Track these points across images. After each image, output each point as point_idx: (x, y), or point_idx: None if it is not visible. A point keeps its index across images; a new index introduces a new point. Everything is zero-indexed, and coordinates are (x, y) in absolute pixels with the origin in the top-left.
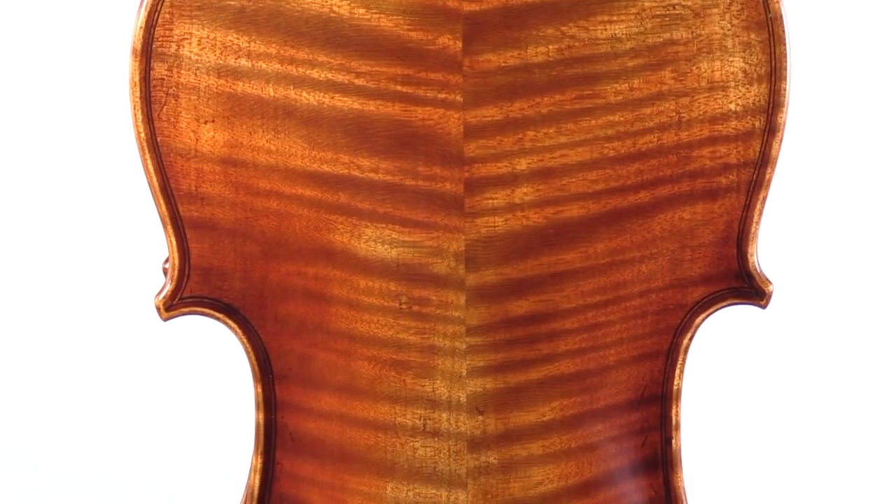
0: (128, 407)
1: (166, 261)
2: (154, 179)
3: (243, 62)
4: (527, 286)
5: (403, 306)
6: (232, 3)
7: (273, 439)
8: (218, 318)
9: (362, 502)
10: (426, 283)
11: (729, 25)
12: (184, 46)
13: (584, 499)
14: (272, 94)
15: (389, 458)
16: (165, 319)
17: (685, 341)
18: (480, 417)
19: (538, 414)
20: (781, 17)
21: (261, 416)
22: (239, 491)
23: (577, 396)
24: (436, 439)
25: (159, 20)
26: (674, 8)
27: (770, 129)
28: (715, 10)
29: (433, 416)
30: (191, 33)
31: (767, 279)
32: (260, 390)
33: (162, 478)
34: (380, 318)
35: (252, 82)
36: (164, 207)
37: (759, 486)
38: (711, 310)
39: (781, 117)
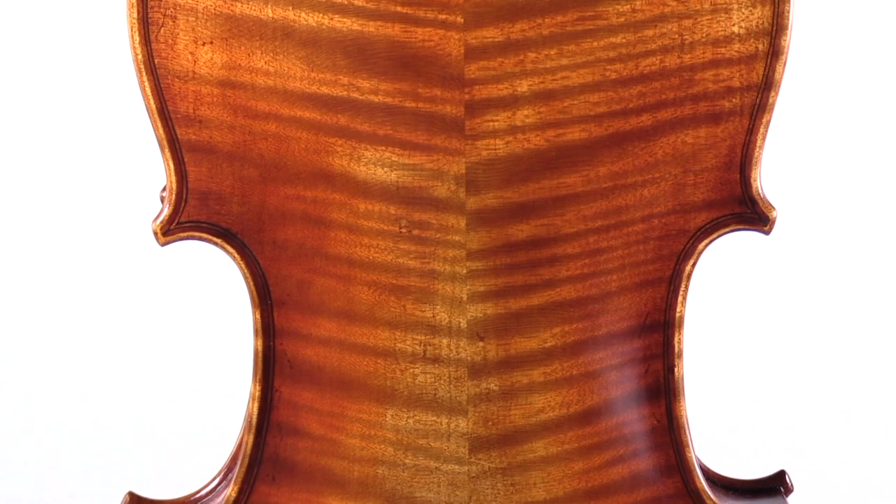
0: (125, 334)
1: (164, 189)
2: (151, 102)
3: None
4: (528, 210)
5: (403, 230)
6: None
7: (272, 367)
8: (216, 244)
9: (361, 430)
10: (426, 206)
11: None
12: None
13: (585, 427)
14: (271, 15)
15: (389, 385)
16: (163, 244)
17: (688, 268)
18: (481, 343)
19: (539, 340)
20: None
21: (259, 342)
22: (238, 420)
23: (579, 323)
24: (436, 365)
25: None
26: None
27: (773, 52)
28: None
29: (433, 342)
30: None
31: (771, 205)
32: (258, 316)
33: (160, 405)
34: (379, 242)
35: (250, 3)
36: (161, 130)
37: (761, 415)
38: (714, 236)
39: (785, 40)
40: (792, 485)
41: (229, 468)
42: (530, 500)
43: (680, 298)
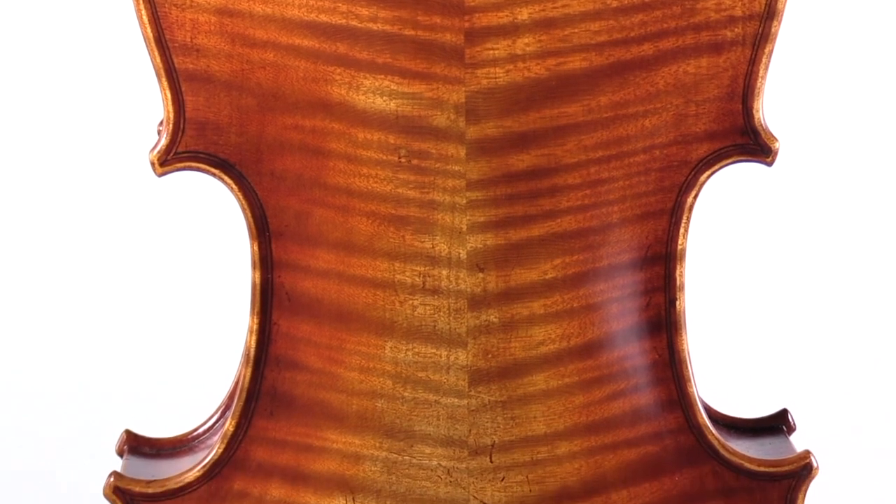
0: (121, 267)
1: (161, 123)
2: (148, 30)
3: None
4: (528, 139)
5: (402, 160)
6: None
7: (269, 299)
8: (213, 174)
9: (360, 362)
10: (426, 135)
11: None
12: None
13: (586, 360)
14: None
15: (388, 317)
16: (160, 175)
17: (689, 200)
18: (481, 275)
19: (540, 272)
20: None
21: (257, 275)
22: (236, 353)
23: (580, 254)
24: (435, 297)
25: None
26: None
27: None
28: None
29: (433, 274)
30: None
31: (773, 136)
32: (256, 248)
33: (158, 338)
34: (378, 171)
35: None
36: (158, 59)
37: (764, 351)
38: (716, 167)
39: None
40: (794, 424)
41: (227, 405)
42: (530, 434)
43: (682, 231)
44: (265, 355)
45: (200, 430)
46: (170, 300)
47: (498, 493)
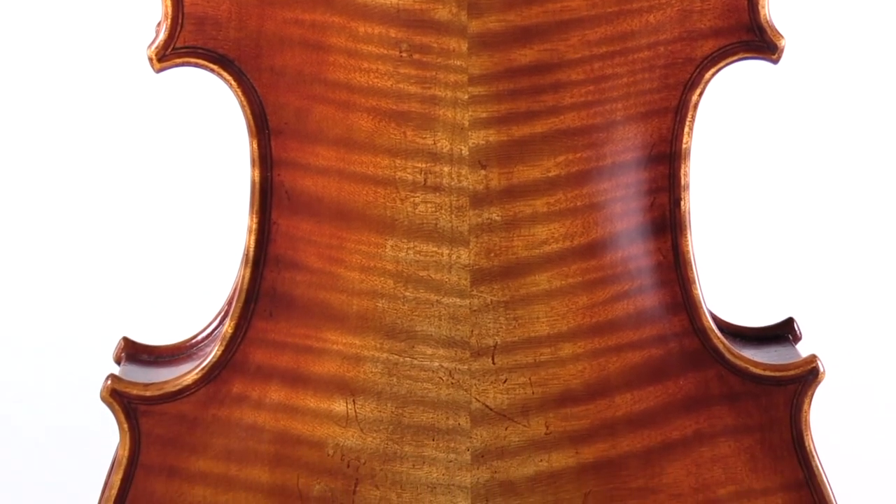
0: (117, 166)
1: (160, 23)
2: None
3: None
4: (531, 34)
5: (404, 54)
6: None
7: (269, 198)
8: (212, 70)
9: (361, 261)
10: (427, 29)
11: None
12: None
13: (589, 260)
14: None
15: (389, 215)
16: (158, 71)
17: (694, 98)
18: (483, 172)
19: (543, 169)
20: None
21: (256, 173)
22: (235, 254)
23: (583, 152)
24: (437, 194)
25: None
26: None
27: None
28: None
29: (434, 170)
30: None
31: (779, 33)
32: (255, 146)
33: (155, 242)
34: (379, 66)
35: None
36: None
37: (769, 257)
38: (721, 65)
39: None
40: (800, 333)
41: (226, 310)
42: (533, 335)
43: (686, 129)
44: (264, 255)
45: (199, 337)
46: (168, 202)
47: (500, 396)
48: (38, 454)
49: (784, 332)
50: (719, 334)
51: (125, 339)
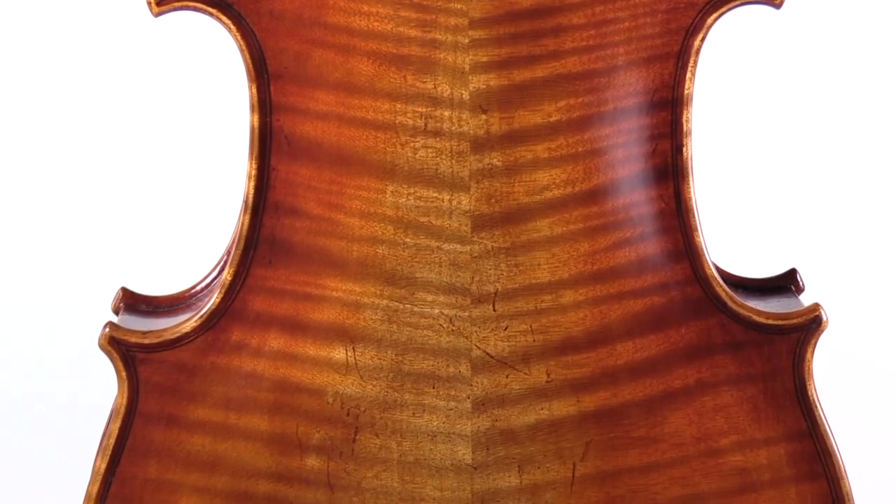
0: (117, 113)
1: None
2: None
3: None
4: None
5: None
6: None
7: (268, 144)
8: (211, 14)
9: (361, 207)
10: None
11: None
12: None
13: (591, 206)
14: None
15: (389, 160)
16: (157, 15)
17: (697, 43)
18: (484, 116)
19: (544, 114)
20: None
21: (255, 118)
22: (235, 199)
23: (585, 97)
24: (437, 139)
25: None
26: None
27: None
28: None
29: (435, 115)
30: None
31: None
32: (255, 91)
33: (153, 188)
34: (379, 9)
35: None
36: None
37: (770, 195)
38: (723, 9)
39: None
40: (803, 284)
41: (225, 260)
42: (534, 282)
43: (689, 75)
44: (264, 201)
45: (198, 288)
46: (167, 149)
47: (501, 343)
48: (36, 407)
49: (787, 284)
50: (721, 282)
51: (124, 290)
